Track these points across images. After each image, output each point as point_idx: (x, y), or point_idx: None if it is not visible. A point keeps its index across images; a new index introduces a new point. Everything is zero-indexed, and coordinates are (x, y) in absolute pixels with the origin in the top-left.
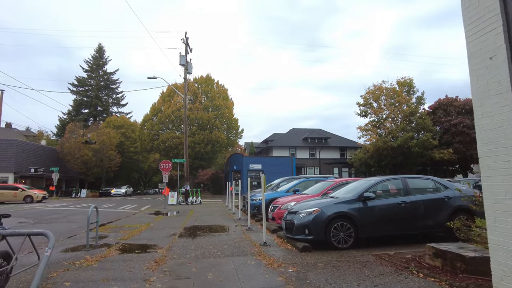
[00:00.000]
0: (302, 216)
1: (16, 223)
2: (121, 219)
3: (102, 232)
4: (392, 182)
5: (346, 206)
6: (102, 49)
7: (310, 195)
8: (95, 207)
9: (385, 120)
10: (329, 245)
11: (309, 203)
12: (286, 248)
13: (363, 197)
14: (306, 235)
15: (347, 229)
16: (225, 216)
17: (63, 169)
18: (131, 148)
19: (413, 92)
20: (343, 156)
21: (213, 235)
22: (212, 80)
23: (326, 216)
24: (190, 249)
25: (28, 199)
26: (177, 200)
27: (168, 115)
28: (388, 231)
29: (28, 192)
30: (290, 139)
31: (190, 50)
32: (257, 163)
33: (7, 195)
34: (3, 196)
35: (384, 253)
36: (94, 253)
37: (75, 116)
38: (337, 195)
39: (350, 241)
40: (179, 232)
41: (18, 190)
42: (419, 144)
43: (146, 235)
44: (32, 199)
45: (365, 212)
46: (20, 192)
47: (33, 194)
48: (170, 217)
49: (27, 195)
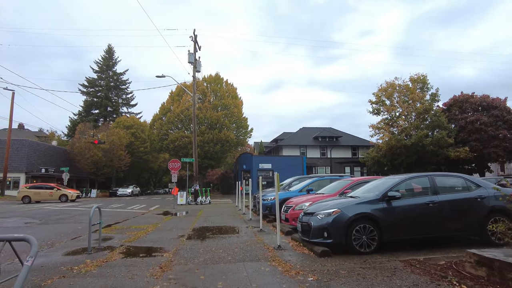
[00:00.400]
0: (320, 218)
1: (22, 223)
2: (129, 219)
3: (107, 233)
4: (418, 180)
5: (368, 206)
6: (112, 49)
7: (326, 195)
8: (97, 208)
9: (398, 118)
10: (350, 249)
11: (327, 204)
12: (302, 252)
13: (387, 197)
14: (325, 239)
15: (370, 231)
16: (235, 217)
17: (74, 169)
18: (140, 148)
19: (427, 89)
20: (355, 155)
21: (223, 237)
22: (221, 79)
23: (347, 218)
24: (198, 252)
25: (63, 198)
26: (186, 200)
27: (177, 115)
28: (414, 234)
29: (63, 192)
30: (300, 138)
31: (198, 48)
32: (266, 163)
33: (43, 194)
34: (39, 196)
35: (412, 259)
36: (96, 256)
37: (86, 116)
38: (357, 194)
39: (374, 245)
40: (187, 233)
41: (53, 189)
42: (433, 142)
43: (153, 237)
44: (67, 198)
45: (389, 213)
46: (55, 191)
47: (67, 193)
48: (179, 217)
49: (62, 194)
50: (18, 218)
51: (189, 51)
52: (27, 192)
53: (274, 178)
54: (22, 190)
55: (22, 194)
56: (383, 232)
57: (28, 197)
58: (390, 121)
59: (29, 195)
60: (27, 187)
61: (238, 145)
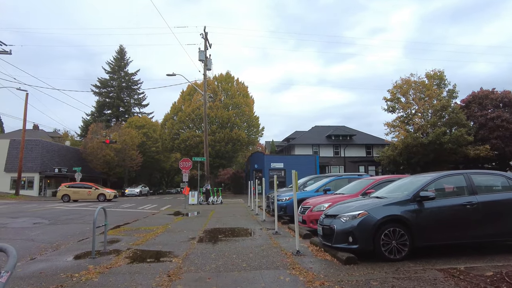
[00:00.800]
0: (344, 221)
1: (30, 224)
2: (139, 220)
3: (115, 235)
4: (453, 178)
5: (398, 208)
6: (123, 50)
7: (346, 195)
8: (102, 209)
9: (414, 115)
10: (378, 256)
11: (351, 205)
12: (324, 259)
13: (419, 197)
14: (350, 244)
15: (400, 236)
16: (248, 218)
17: (86, 169)
18: (152, 148)
19: (444, 85)
20: (369, 154)
21: (236, 240)
22: (231, 77)
23: (375, 221)
24: (210, 258)
25: (102, 197)
26: (197, 200)
27: (188, 114)
28: (450, 239)
29: (101, 191)
30: (313, 137)
31: (209, 45)
32: (278, 162)
33: (82, 193)
34: (78, 195)
35: (451, 268)
36: (100, 262)
37: (98, 117)
38: (383, 195)
39: (404, 251)
40: (199, 235)
41: (92, 188)
42: (452, 140)
43: (162, 240)
44: (105, 198)
45: (422, 215)
46: (94, 190)
47: (106, 192)
48: (190, 218)
49: (100, 193)
50: (28, 218)
51: (200, 48)
52: (67, 191)
53: (292, 177)
54: (62, 189)
55: (62, 193)
56: (415, 237)
57: (67, 196)
58: (405, 119)
59: (68, 194)
60: (66, 186)
61: (249, 144)
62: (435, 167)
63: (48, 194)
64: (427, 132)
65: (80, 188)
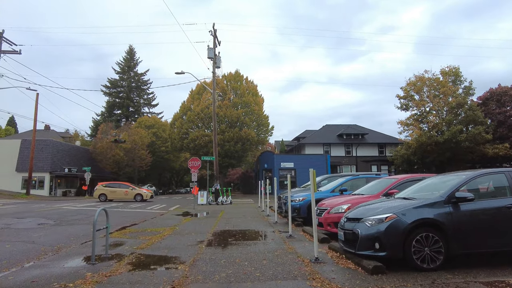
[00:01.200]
0: (370, 225)
1: (35, 225)
2: (146, 220)
3: (119, 237)
4: (491, 177)
5: (431, 210)
6: (133, 51)
7: (366, 196)
8: (104, 210)
9: (428, 113)
10: (409, 264)
11: (376, 207)
12: (347, 267)
13: (455, 198)
14: (376, 251)
15: (434, 242)
16: (258, 219)
17: (97, 169)
18: (162, 148)
19: (460, 82)
20: (381, 153)
21: (247, 244)
22: (241, 76)
23: (405, 225)
24: (219, 265)
25: (138, 197)
26: (206, 200)
27: (197, 113)
28: (491, 246)
29: (138, 191)
30: (324, 136)
31: (218, 43)
32: (288, 161)
33: (119, 193)
34: (115, 194)
35: (498, 281)
36: (99, 268)
37: (108, 117)
38: (411, 195)
39: (439, 260)
40: (207, 238)
41: (129, 188)
42: (469, 138)
43: (168, 243)
44: (142, 198)
45: (458, 219)
46: (130, 190)
47: (142, 192)
48: (199, 218)
49: (137, 193)
50: (34, 218)
51: (209, 46)
52: (104, 190)
53: (310, 175)
54: (99, 188)
55: (99, 192)
56: (450, 243)
57: (104, 195)
58: (419, 117)
59: (105, 193)
60: (103, 185)
61: (258, 144)
62: (451, 167)
63: (59, 193)
64: (442, 131)
65: (117, 188)
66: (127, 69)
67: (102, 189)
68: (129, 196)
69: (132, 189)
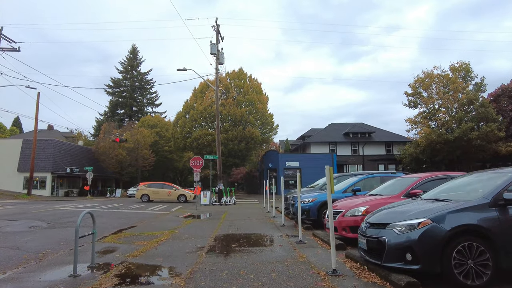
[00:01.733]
0: (399, 232)
1: (26, 228)
2: (146, 222)
3: (112, 243)
4: None
5: (473, 215)
6: (136, 50)
7: (385, 196)
8: (89, 213)
9: (437, 110)
10: (449, 280)
11: (405, 210)
12: (372, 281)
13: (503, 200)
14: (408, 263)
15: (479, 254)
16: (264, 221)
17: (99, 169)
18: (165, 147)
19: (470, 78)
20: (389, 152)
21: (252, 251)
22: (244, 74)
23: (443, 233)
24: (220, 278)
25: (182, 198)
26: (210, 200)
27: (200, 112)
28: None
29: (181, 192)
30: (330, 134)
31: (221, 38)
32: (293, 161)
33: (162, 194)
34: (158, 195)
35: None
36: (80, 283)
37: (111, 116)
38: (442, 196)
39: (486, 275)
40: (208, 244)
41: (172, 189)
42: (481, 136)
43: (165, 249)
44: (185, 198)
45: (509, 225)
46: (174, 191)
47: (186, 193)
48: (201, 220)
49: (181, 194)
50: (27, 220)
51: (211, 41)
52: (146, 190)
53: (326, 172)
54: (141, 188)
55: (141, 193)
56: (500, 255)
57: (147, 196)
58: (428, 114)
59: (148, 194)
60: (145, 186)
61: (263, 143)
62: (462, 166)
63: (61, 194)
64: (452, 128)
65: (160, 189)
66: (130, 68)
67: (144, 190)
68: (173, 197)
69: (175, 190)
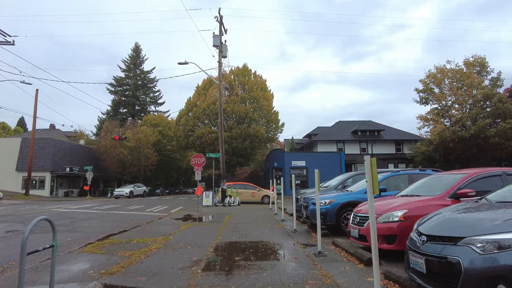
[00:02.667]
0: (482, 251)
1: (2, 233)
2: (140, 226)
3: (91, 253)
4: None
5: None
6: (139, 48)
7: (424, 197)
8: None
9: (451, 107)
10: None
11: (480, 217)
12: None
13: None
14: None
15: None
16: (272, 225)
17: (101, 168)
18: (168, 147)
19: (486, 73)
20: (399, 150)
21: (261, 267)
22: (249, 70)
23: None
24: None
25: (266, 199)
26: (212, 201)
27: (203, 109)
28: None
29: (265, 192)
30: (337, 133)
31: (224, 30)
32: (300, 160)
33: (245, 195)
34: (241, 196)
35: None
36: None
37: (114, 115)
38: None
39: None
40: (206, 257)
41: (256, 190)
42: (499, 133)
43: (152, 263)
44: (269, 199)
45: None
46: (257, 192)
47: (270, 194)
48: (201, 224)
49: (265, 195)
50: (7, 224)
51: (214, 33)
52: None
53: (366, 164)
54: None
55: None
56: None
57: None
58: (441, 111)
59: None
60: (228, 186)
61: (268, 141)
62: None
63: (60, 194)
64: (467, 125)
65: (243, 189)
66: (133, 66)
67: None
68: (256, 198)
69: (259, 191)
